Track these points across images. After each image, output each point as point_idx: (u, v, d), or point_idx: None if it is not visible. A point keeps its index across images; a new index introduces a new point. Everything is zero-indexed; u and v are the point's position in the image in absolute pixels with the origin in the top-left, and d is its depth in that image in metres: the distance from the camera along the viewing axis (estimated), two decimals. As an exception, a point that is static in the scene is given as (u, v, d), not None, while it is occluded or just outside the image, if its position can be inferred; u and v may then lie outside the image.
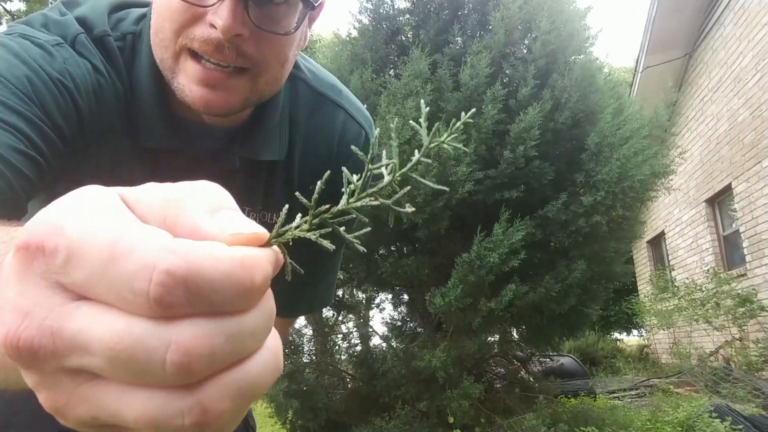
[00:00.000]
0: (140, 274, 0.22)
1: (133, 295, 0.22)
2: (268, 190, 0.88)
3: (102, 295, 0.23)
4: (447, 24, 4.67)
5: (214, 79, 0.69)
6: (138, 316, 0.23)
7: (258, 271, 0.25)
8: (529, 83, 4.11)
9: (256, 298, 0.25)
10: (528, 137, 3.93)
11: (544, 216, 4.08)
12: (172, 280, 0.22)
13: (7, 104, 0.61)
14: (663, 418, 4.14)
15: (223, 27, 0.65)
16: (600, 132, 4.16)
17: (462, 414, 3.92)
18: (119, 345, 0.22)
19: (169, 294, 0.22)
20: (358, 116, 0.93)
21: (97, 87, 0.72)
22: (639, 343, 12.41)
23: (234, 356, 0.24)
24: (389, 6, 4.90)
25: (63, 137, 0.68)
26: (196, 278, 0.23)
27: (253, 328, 0.25)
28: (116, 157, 0.76)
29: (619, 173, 4.03)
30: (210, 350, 0.23)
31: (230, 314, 0.24)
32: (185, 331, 0.23)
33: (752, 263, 6.73)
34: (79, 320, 0.23)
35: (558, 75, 4.28)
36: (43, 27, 0.72)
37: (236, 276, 0.24)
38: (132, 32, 0.77)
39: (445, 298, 3.74)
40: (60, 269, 0.23)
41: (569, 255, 4.25)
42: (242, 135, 0.82)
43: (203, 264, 0.23)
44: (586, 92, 4.31)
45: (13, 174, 0.59)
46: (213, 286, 0.23)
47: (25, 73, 0.64)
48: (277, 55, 0.72)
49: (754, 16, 6.53)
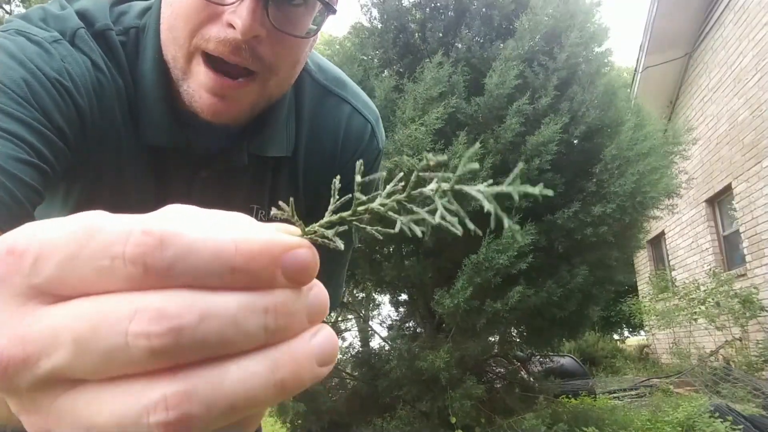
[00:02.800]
0: (117, 239, 0.21)
1: (110, 260, 0.21)
2: (274, 187, 0.87)
3: (78, 280, 0.21)
4: (453, 25, 4.62)
5: (224, 89, 0.67)
6: (112, 293, 0.21)
7: (247, 242, 0.22)
8: (550, 93, 4.06)
9: (243, 274, 0.22)
10: (545, 151, 3.89)
11: (552, 222, 4.05)
12: (149, 239, 0.21)
13: (6, 111, 0.59)
14: (663, 418, 4.14)
15: (242, 27, 0.63)
16: (619, 145, 4.12)
17: (463, 414, 3.92)
18: (85, 324, 0.21)
19: (145, 254, 0.21)
20: (364, 110, 0.91)
21: (97, 85, 0.70)
22: (639, 343, 12.41)
23: (210, 345, 0.21)
24: (397, 3, 4.83)
25: (65, 139, 0.66)
26: (174, 238, 0.21)
27: (236, 314, 0.22)
28: (120, 156, 0.75)
29: (633, 188, 4.00)
30: (176, 324, 0.20)
31: (209, 290, 0.22)
32: (155, 299, 0.21)
33: (752, 263, 6.74)
34: (49, 318, 0.21)
35: (578, 87, 4.23)
36: (42, 21, 0.70)
37: (218, 240, 0.22)
38: (135, 26, 0.75)
39: (454, 299, 3.73)
40: (32, 270, 0.22)
41: (572, 261, 4.23)
42: (250, 132, 0.80)
43: (184, 226, 0.22)
44: (606, 108, 4.28)
45: (16, 185, 0.57)
46: (191, 246, 0.21)
47: (22, 75, 0.62)
48: (291, 56, 0.71)
49: (754, 16, 6.53)
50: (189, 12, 0.66)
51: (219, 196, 0.83)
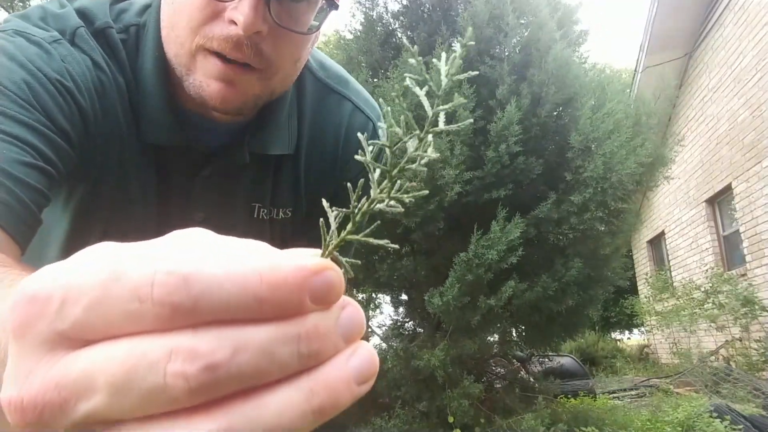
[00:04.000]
0: (141, 281, 0.21)
1: (138, 303, 0.21)
2: (275, 185, 0.86)
3: (106, 325, 0.21)
4: (437, 25, 4.67)
5: (231, 75, 0.67)
6: (143, 334, 0.21)
7: (272, 272, 0.22)
8: (506, 80, 4.08)
9: (271, 305, 0.22)
10: (509, 134, 3.92)
11: (537, 216, 4.08)
12: (173, 279, 0.21)
13: (9, 114, 0.59)
14: (663, 418, 4.13)
15: (244, 23, 0.63)
16: (581, 129, 4.13)
17: (462, 414, 3.91)
18: (123, 366, 0.21)
19: (171, 294, 0.21)
20: (365, 107, 0.91)
21: (99, 84, 0.70)
22: (639, 343, 12.41)
23: (245, 377, 0.21)
24: (382, 9, 4.89)
25: (69, 140, 0.66)
26: (197, 275, 0.21)
27: (268, 345, 0.22)
28: (123, 156, 0.75)
29: (604, 169, 4.00)
30: (211, 361, 0.21)
31: (240, 324, 0.22)
32: (187, 339, 0.21)
33: (752, 263, 6.73)
34: (81, 362, 0.21)
35: (535, 69, 4.23)
36: (41, 20, 0.70)
37: (241, 273, 0.22)
38: (135, 24, 0.75)
39: (443, 297, 3.74)
40: (57, 316, 0.21)
41: (565, 253, 4.25)
42: (251, 130, 0.80)
43: (207, 263, 0.21)
44: (563, 81, 4.26)
45: (23, 189, 0.57)
46: (216, 283, 0.21)
47: (23, 77, 0.62)
48: (293, 53, 0.71)
49: (754, 16, 6.52)
50: (191, 10, 0.66)
51: (221, 194, 0.82)
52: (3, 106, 0.59)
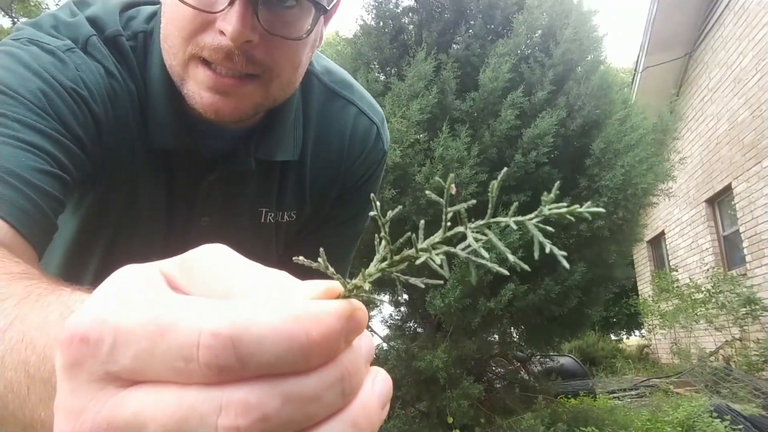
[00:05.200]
0: (188, 341, 0.21)
1: (185, 363, 0.21)
2: (281, 189, 0.87)
3: (154, 374, 0.22)
4: (451, 24, 4.66)
5: (225, 86, 0.67)
6: (192, 385, 0.22)
7: (316, 325, 0.22)
8: (546, 88, 4.12)
9: (317, 356, 0.23)
10: (541, 143, 3.94)
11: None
12: (219, 342, 0.21)
13: (26, 122, 0.60)
14: (663, 418, 4.14)
15: (232, 33, 0.62)
16: (606, 138, 4.17)
17: (462, 414, 3.92)
18: (173, 417, 0.21)
19: (218, 356, 0.21)
20: (370, 112, 0.91)
21: (111, 91, 0.71)
22: (639, 343, 12.41)
23: (295, 423, 0.22)
24: (393, 5, 4.88)
25: (83, 148, 0.67)
26: (243, 336, 0.21)
27: (317, 392, 0.22)
28: (132, 161, 0.75)
29: (623, 180, 4.03)
30: (262, 414, 0.21)
31: (287, 376, 0.22)
32: (237, 393, 0.21)
33: (752, 263, 6.73)
34: (132, 404, 0.22)
35: (574, 82, 4.30)
36: (53, 29, 0.70)
37: (287, 331, 0.22)
38: (143, 31, 0.76)
39: (445, 299, 3.74)
40: (107, 358, 0.22)
41: (570, 258, 4.23)
42: (257, 136, 0.80)
43: (251, 321, 0.22)
44: (600, 102, 4.34)
45: (40, 196, 0.58)
46: (262, 344, 0.21)
47: (38, 86, 0.63)
48: (290, 59, 0.70)
49: (754, 16, 6.53)
50: (182, 22, 0.66)
51: (226, 199, 0.83)
52: (20, 115, 0.60)
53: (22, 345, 0.32)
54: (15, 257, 0.50)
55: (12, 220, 0.55)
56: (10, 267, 0.46)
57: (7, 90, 0.61)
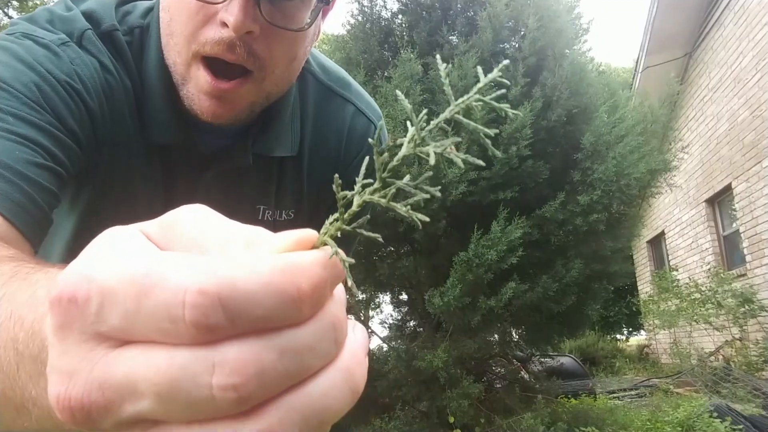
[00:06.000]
0: (173, 300, 0.21)
1: (171, 323, 0.21)
2: (279, 187, 0.87)
3: (143, 334, 0.22)
4: (438, 25, 4.68)
5: (222, 92, 0.68)
6: (182, 345, 0.21)
7: (304, 276, 0.22)
8: (519, 82, 4.10)
9: (308, 307, 0.22)
10: (520, 137, 3.93)
11: (542, 216, 4.09)
12: (206, 300, 0.21)
13: (20, 115, 0.60)
14: (663, 418, 4.14)
15: (234, 24, 0.63)
16: (595, 131, 4.16)
17: (462, 414, 3.92)
18: (164, 378, 0.21)
19: (205, 315, 0.21)
20: (367, 110, 0.91)
21: (106, 86, 0.71)
22: (639, 343, 12.41)
23: (292, 376, 0.22)
24: (381, 7, 4.90)
25: (78, 142, 0.66)
26: (231, 293, 0.21)
27: (312, 342, 0.22)
28: (129, 156, 0.75)
29: (615, 171, 4.02)
30: (258, 369, 0.21)
31: (279, 329, 0.22)
32: (229, 351, 0.21)
33: (752, 263, 6.73)
34: (123, 365, 0.22)
35: (548, 72, 4.26)
36: (48, 23, 0.70)
37: (277, 284, 0.22)
38: (140, 26, 0.76)
39: (444, 297, 3.74)
40: (96, 318, 0.22)
41: (567, 254, 4.25)
42: (255, 131, 0.80)
43: (237, 277, 0.21)
44: (577, 88, 4.29)
45: (35, 190, 0.58)
46: (252, 299, 0.21)
47: (32, 79, 0.63)
48: (287, 52, 0.71)
49: (754, 16, 6.53)
50: (185, 16, 0.66)
51: (225, 195, 0.83)
52: (14, 108, 0.60)
53: (10, 322, 0.32)
54: (5, 245, 0.49)
55: (6, 213, 0.54)
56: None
57: (1, 83, 0.61)
